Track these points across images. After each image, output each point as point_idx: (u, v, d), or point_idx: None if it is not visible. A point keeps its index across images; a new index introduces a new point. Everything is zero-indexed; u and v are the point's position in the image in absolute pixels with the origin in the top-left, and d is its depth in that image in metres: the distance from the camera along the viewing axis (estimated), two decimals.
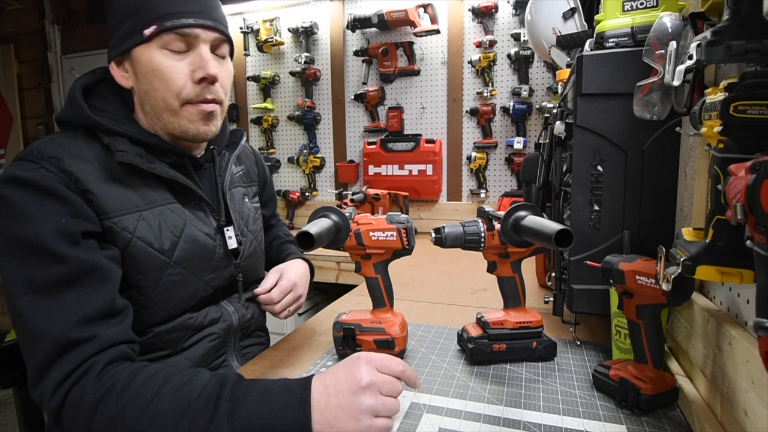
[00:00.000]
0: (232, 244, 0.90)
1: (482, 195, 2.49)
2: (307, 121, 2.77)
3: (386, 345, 0.89)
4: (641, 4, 0.89)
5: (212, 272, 0.87)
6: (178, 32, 0.76)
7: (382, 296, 0.92)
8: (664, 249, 0.66)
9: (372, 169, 2.61)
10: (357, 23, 2.53)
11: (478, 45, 2.38)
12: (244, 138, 1.03)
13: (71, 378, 0.63)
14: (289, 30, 2.74)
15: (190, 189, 0.84)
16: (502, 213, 0.82)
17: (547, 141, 1.24)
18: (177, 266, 0.80)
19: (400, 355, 0.92)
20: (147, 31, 0.76)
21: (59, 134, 0.79)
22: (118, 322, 0.70)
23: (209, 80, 0.79)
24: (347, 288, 1.38)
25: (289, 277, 1.01)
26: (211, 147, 0.94)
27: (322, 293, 2.45)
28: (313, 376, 0.64)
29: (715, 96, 0.56)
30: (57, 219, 0.68)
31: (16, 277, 0.66)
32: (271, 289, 0.98)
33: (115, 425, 0.60)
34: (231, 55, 0.87)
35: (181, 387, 0.61)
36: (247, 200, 1.01)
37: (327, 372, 0.65)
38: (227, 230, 0.89)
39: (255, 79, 2.84)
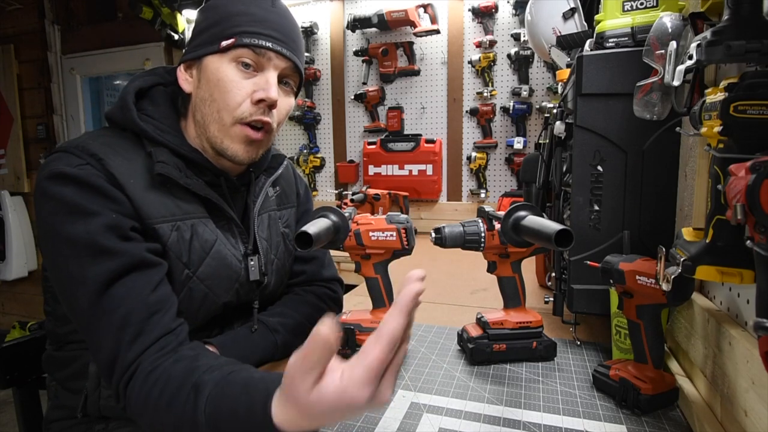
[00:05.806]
0: (254, 275, 0.87)
1: (482, 195, 2.49)
2: (307, 121, 2.77)
3: None
4: (641, 4, 0.89)
5: (233, 295, 0.85)
6: (253, 49, 0.77)
7: (381, 296, 0.92)
8: (664, 249, 0.66)
9: (372, 169, 2.61)
10: (357, 23, 2.53)
11: (478, 45, 2.38)
12: (285, 164, 1.00)
13: (122, 382, 0.65)
14: None
15: (223, 209, 0.83)
16: (502, 213, 0.82)
17: (547, 141, 1.24)
18: (200, 283, 0.79)
19: None
20: (224, 43, 0.77)
21: (107, 132, 0.79)
22: (164, 313, 0.71)
23: (267, 103, 0.79)
24: (347, 288, 1.38)
25: None
26: (250, 170, 0.92)
27: None
28: (272, 398, 0.51)
29: (715, 96, 0.56)
30: (108, 215, 0.68)
31: (74, 274, 0.67)
32: None
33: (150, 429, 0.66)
34: (297, 91, 0.87)
35: (170, 401, 0.62)
36: (280, 224, 0.97)
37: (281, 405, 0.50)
38: (251, 260, 0.87)
39: None
